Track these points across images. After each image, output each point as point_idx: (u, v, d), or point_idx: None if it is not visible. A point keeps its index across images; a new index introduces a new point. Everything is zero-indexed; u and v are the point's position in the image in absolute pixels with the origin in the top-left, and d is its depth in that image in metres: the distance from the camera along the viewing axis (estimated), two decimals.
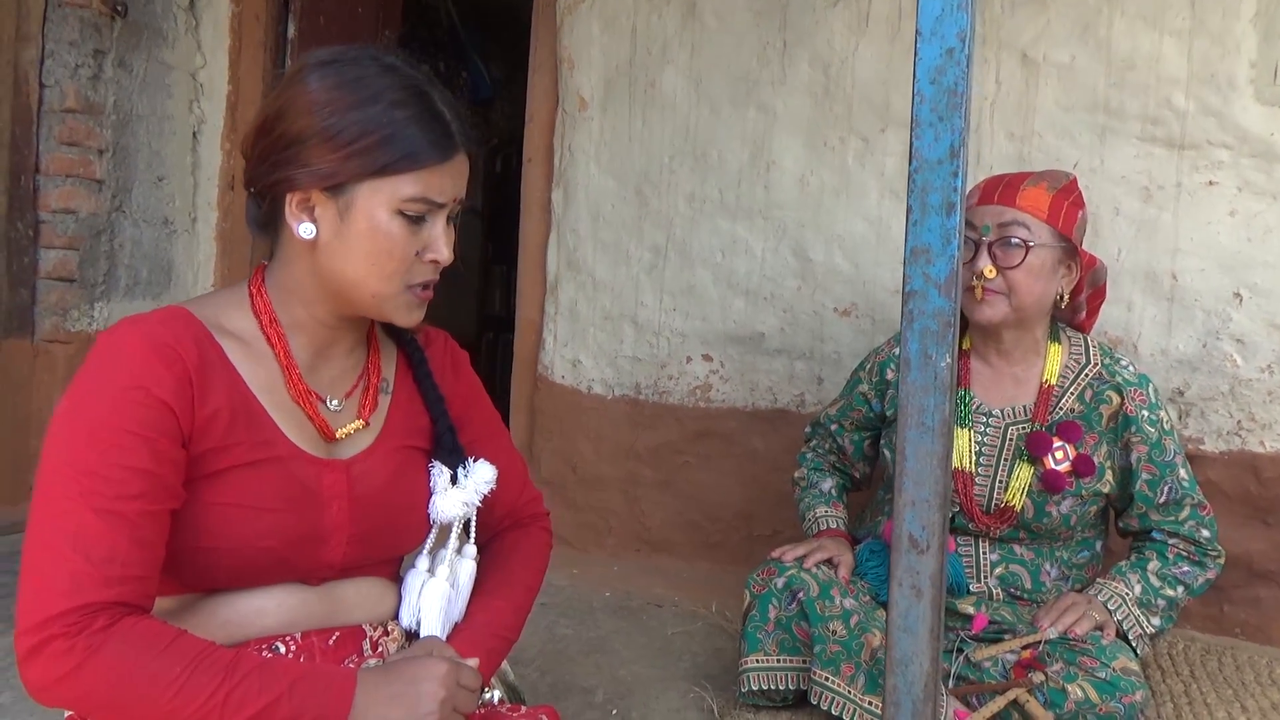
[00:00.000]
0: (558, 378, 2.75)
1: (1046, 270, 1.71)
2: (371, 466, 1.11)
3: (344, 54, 1.04)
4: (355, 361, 1.15)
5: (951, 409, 0.97)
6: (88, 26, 2.85)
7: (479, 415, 1.28)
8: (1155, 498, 1.74)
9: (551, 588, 2.40)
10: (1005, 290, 1.69)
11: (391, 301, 1.05)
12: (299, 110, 1.00)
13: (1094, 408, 1.75)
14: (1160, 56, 2.17)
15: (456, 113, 1.06)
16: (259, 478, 1.01)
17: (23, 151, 2.81)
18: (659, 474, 2.64)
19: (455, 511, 1.14)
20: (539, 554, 1.31)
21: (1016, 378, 1.80)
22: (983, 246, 1.70)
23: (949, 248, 0.95)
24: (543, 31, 2.80)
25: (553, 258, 2.77)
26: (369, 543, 1.10)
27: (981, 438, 1.77)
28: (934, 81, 0.96)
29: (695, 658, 2.01)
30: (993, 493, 1.74)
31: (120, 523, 0.90)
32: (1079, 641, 1.59)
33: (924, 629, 0.97)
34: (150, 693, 0.87)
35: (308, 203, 1.02)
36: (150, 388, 0.94)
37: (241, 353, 1.04)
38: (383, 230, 1.01)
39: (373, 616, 1.14)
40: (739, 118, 2.55)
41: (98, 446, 0.92)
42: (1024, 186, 1.72)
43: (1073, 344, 1.82)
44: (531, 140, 2.83)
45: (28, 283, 2.84)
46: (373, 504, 1.10)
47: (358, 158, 0.99)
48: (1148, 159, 2.19)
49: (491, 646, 1.16)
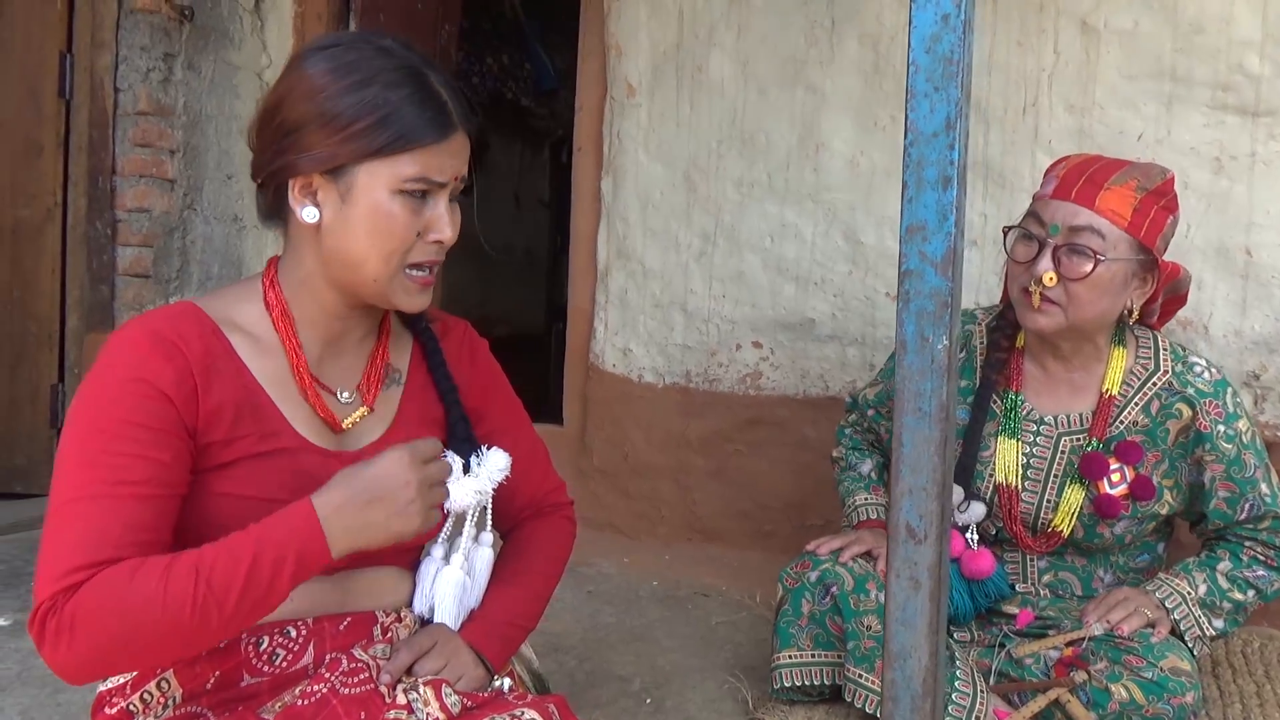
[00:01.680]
0: (609, 366, 2.75)
1: (1115, 285, 1.52)
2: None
3: (339, 39, 1.06)
4: (366, 352, 1.16)
5: (951, 394, 0.92)
6: (157, 31, 2.96)
7: (498, 404, 1.28)
8: (1235, 515, 1.60)
9: (599, 575, 2.41)
10: (1063, 302, 1.51)
11: (390, 284, 1.06)
12: (297, 97, 1.02)
13: (1160, 422, 1.59)
14: (1231, 18, 2.04)
15: (454, 92, 1.06)
16: (266, 469, 1.03)
17: (100, 154, 2.94)
18: (710, 462, 2.62)
19: (467, 500, 1.14)
20: (559, 542, 1.30)
21: (1074, 384, 1.64)
22: (1047, 248, 1.51)
23: (946, 224, 0.91)
24: (591, 19, 2.79)
25: (603, 246, 2.76)
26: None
27: (1030, 449, 1.63)
28: (929, 50, 0.91)
29: (738, 648, 1.98)
30: (1039, 512, 1.62)
31: (116, 505, 0.93)
32: (1125, 639, 1.51)
33: (922, 621, 0.93)
34: (140, 618, 0.88)
35: (310, 187, 1.04)
36: (151, 380, 0.97)
37: (250, 346, 1.07)
38: (384, 210, 1.02)
39: (387, 604, 1.15)
40: (787, 99, 2.50)
41: (100, 437, 0.95)
42: (1109, 185, 1.51)
43: (1140, 346, 1.64)
44: (581, 129, 2.83)
45: (107, 279, 2.97)
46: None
47: (356, 140, 1.00)
48: (1219, 128, 2.06)
49: (505, 635, 1.17)
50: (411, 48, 1.08)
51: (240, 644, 1.04)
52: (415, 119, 1.01)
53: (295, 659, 1.05)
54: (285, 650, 1.05)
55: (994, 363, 1.67)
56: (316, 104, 1.01)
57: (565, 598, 2.22)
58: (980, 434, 1.64)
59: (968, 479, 1.63)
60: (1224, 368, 2.03)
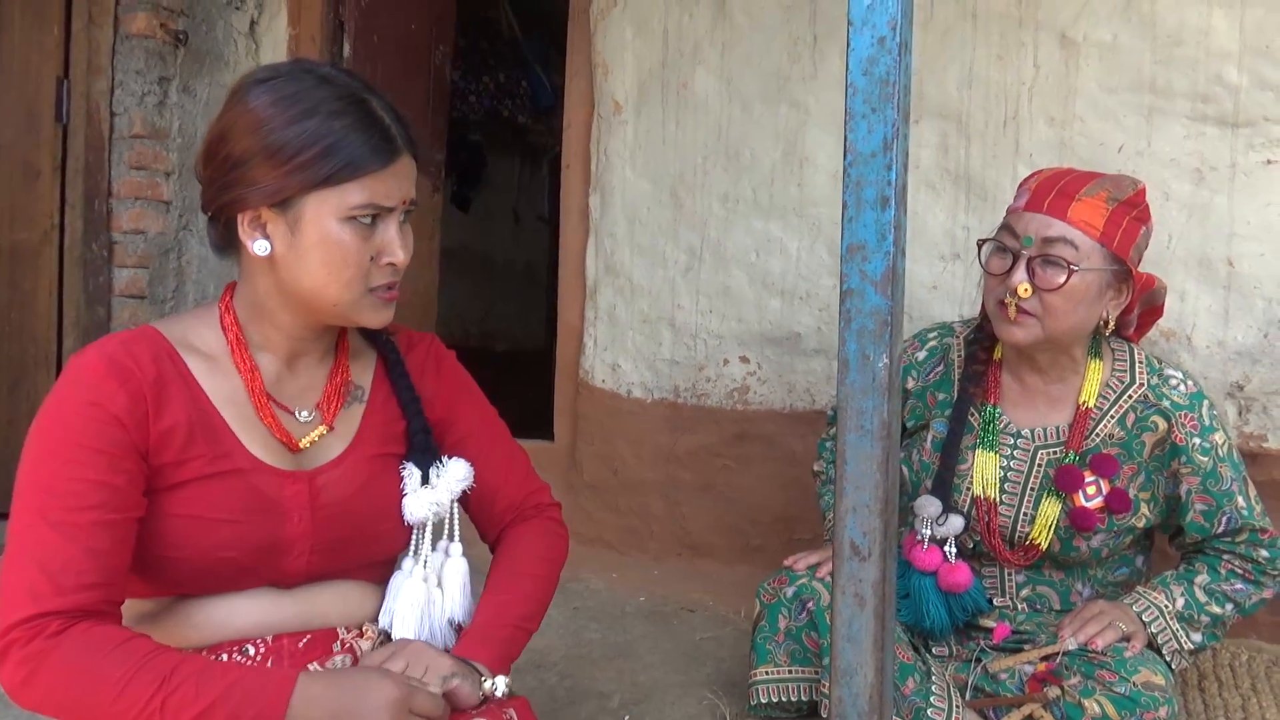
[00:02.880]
0: (598, 382, 2.76)
1: (1090, 296, 1.52)
2: (339, 475, 1.12)
3: (279, 70, 1.06)
4: (326, 370, 1.17)
5: (893, 411, 0.93)
6: (152, 56, 3.00)
7: (467, 412, 1.27)
8: (1212, 528, 1.58)
9: (587, 591, 2.41)
10: (1039, 313, 1.51)
11: (355, 305, 1.07)
12: (240, 131, 1.03)
13: (1136, 435, 1.59)
14: (1209, 29, 2.04)
15: (396, 117, 1.07)
16: (218, 489, 1.04)
17: (96, 177, 2.98)
18: (699, 477, 2.62)
19: (422, 513, 1.14)
20: (545, 543, 1.27)
21: (1050, 397, 1.63)
22: (1021, 260, 1.51)
23: (885, 244, 0.91)
24: (577, 38, 2.81)
25: (591, 262, 2.78)
26: (336, 551, 1.12)
27: (1008, 462, 1.62)
28: (866, 72, 0.92)
29: (720, 664, 1.98)
30: (1016, 526, 1.61)
31: (75, 533, 0.95)
32: (1099, 654, 1.50)
33: (867, 639, 0.93)
34: (96, 695, 0.91)
35: (259, 220, 1.05)
36: (104, 404, 0.99)
37: (206, 368, 1.08)
38: (334, 239, 1.03)
39: (351, 620, 1.15)
40: (771, 115, 2.51)
41: (54, 462, 0.97)
42: (1080, 196, 1.51)
43: (1116, 359, 1.64)
44: (569, 146, 2.85)
45: (103, 300, 3.01)
46: (339, 513, 1.11)
47: (301, 171, 1.01)
48: (1199, 139, 2.06)
49: (503, 636, 1.14)
50: (353, 75, 1.10)
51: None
52: (359, 146, 1.02)
53: None
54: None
55: (971, 375, 1.66)
56: (260, 137, 1.02)
57: (551, 614, 2.18)
58: (958, 447, 1.64)
59: (946, 492, 1.62)
60: (1207, 379, 2.03)
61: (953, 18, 2.28)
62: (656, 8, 2.64)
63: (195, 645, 1.07)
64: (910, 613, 1.63)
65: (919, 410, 1.73)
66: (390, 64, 3.48)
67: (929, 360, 1.75)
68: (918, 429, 1.73)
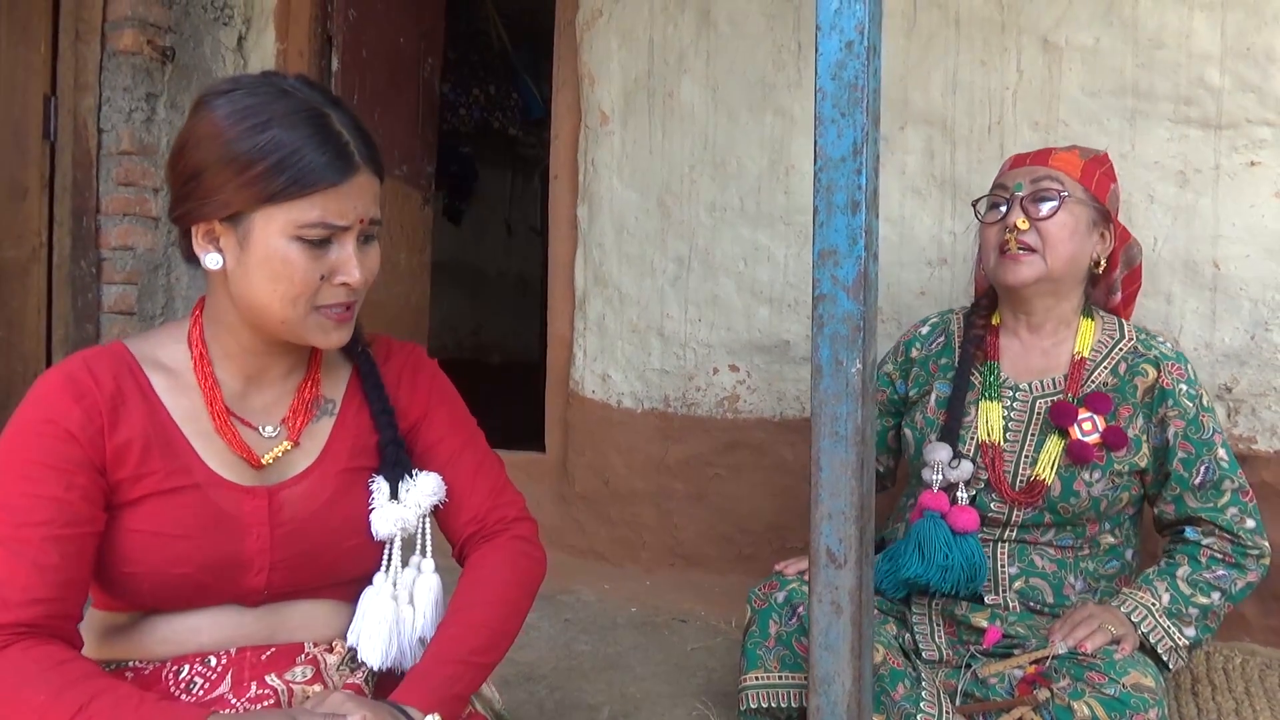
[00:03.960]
0: (588, 392, 2.75)
1: (1081, 228, 1.65)
2: (302, 491, 1.10)
3: (241, 82, 1.04)
4: (293, 385, 1.15)
5: (867, 416, 0.92)
6: (139, 72, 3.01)
7: (439, 421, 1.22)
8: (1191, 478, 1.63)
9: (578, 603, 2.40)
10: (1038, 247, 1.63)
11: (302, 324, 1.05)
12: (195, 142, 1.02)
13: (1128, 380, 1.67)
14: (1191, 32, 2.04)
15: (358, 132, 1.04)
16: (174, 505, 1.03)
17: (84, 194, 2.98)
18: (690, 487, 2.61)
19: (388, 529, 1.11)
20: (509, 566, 1.19)
21: (1045, 351, 1.73)
22: (1015, 201, 1.66)
23: (856, 248, 0.91)
24: (564, 49, 2.82)
25: (580, 273, 2.77)
26: (299, 569, 1.10)
27: (1009, 411, 1.70)
28: (834, 77, 0.92)
29: (710, 674, 1.97)
30: (1019, 466, 1.66)
31: (22, 548, 0.94)
32: (1088, 656, 1.49)
33: (845, 646, 0.92)
34: (18, 715, 0.91)
35: (212, 233, 1.03)
36: (58, 421, 0.98)
37: (169, 383, 1.07)
38: (279, 256, 1.01)
39: (319, 637, 1.13)
40: (757, 123, 2.51)
41: (8, 478, 0.97)
42: (1056, 151, 1.70)
43: (1105, 322, 1.75)
44: (557, 157, 2.85)
45: (92, 318, 3.00)
46: (300, 529, 1.09)
47: (250, 186, 0.99)
48: (1182, 141, 2.06)
49: (446, 674, 1.08)
50: (317, 87, 1.06)
51: (161, 673, 1.05)
52: (312, 162, 0.99)
53: (213, 687, 1.05)
54: (203, 679, 1.05)
55: (972, 339, 1.77)
56: (213, 149, 1.00)
57: (542, 626, 2.21)
58: (963, 402, 1.72)
59: (952, 441, 1.69)
60: None
61: (935, 24, 2.29)
62: (641, 18, 2.65)
63: (161, 658, 1.06)
64: (918, 565, 1.63)
65: (922, 378, 1.83)
66: (379, 77, 3.49)
67: (931, 334, 1.86)
68: (922, 395, 1.81)
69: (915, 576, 1.63)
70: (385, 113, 3.52)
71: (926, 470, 1.68)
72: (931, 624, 1.71)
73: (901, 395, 1.87)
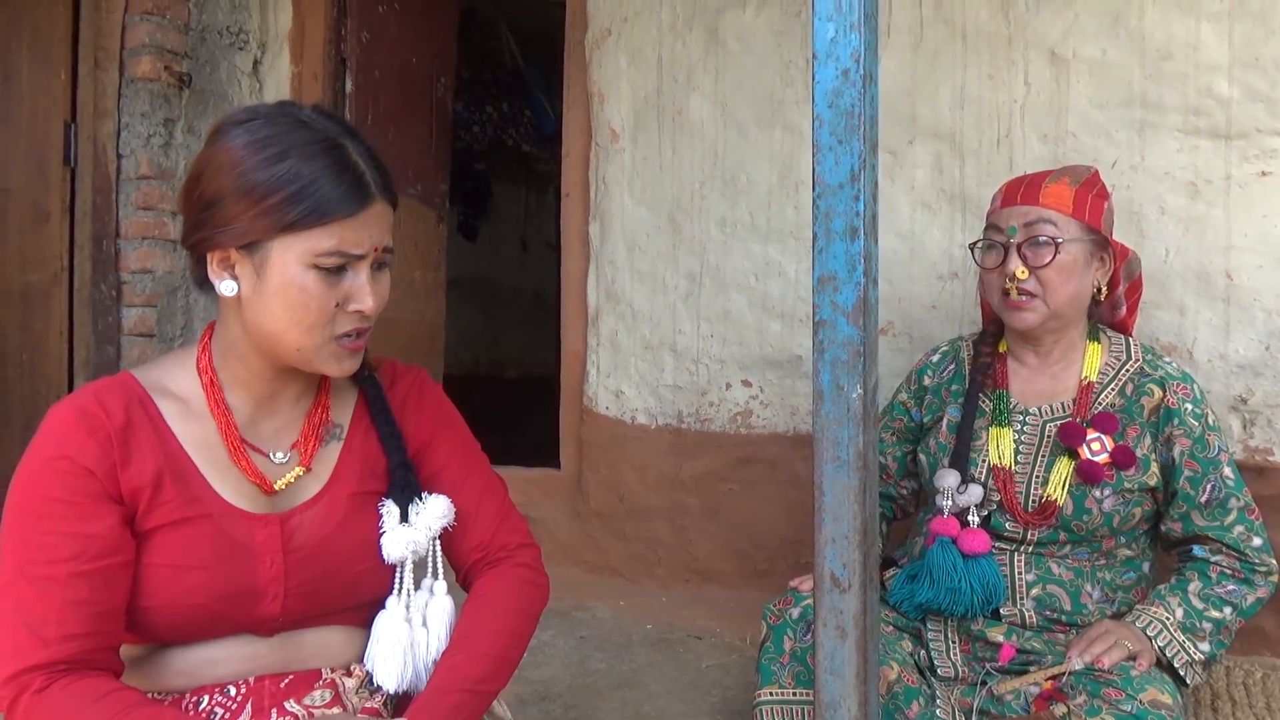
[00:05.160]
0: (602, 409, 2.76)
1: (1079, 266, 1.65)
2: (313, 516, 1.11)
3: (259, 112, 1.06)
4: (303, 410, 1.16)
5: (869, 441, 0.93)
6: (157, 98, 3.05)
7: (444, 446, 1.23)
8: (1197, 496, 1.63)
9: (593, 620, 2.41)
10: (1039, 292, 1.64)
11: (317, 353, 1.06)
12: (213, 171, 1.03)
13: (1135, 400, 1.67)
14: (1198, 43, 2.04)
15: (374, 162, 1.06)
16: (187, 536, 1.04)
17: (104, 219, 3.03)
18: (704, 502, 2.62)
19: (399, 551, 1.12)
20: (511, 593, 1.20)
21: (1054, 375, 1.74)
22: (1011, 248, 1.65)
23: (855, 274, 0.92)
24: (574, 68, 2.84)
25: (593, 290, 2.79)
26: (313, 594, 1.11)
27: (1019, 435, 1.71)
28: (831, 105, 0.93)
29: (725, 692, 1.97)
30: (1030, 487, 1.67)
31: (53, 586, 0.96)
32: (1105, 672, 1.49)
33: (850, 671, 0.93)
34: None
35: (228, 261, 1.05)
36: (73, 456, 1.00)
37: (179, 412, 1.08)
38: (297, 285, 1.02)
39: (335, 663, 1.14)
40: (766, 139, 2.52)
41: (29, 516, 0.98)
42: (1046, 184, 1.68)
43: (1113, 343, 1.75)
44: (568, 175, 2.87)
45: (112, 340, 3.05)
46: (312, 555, 1.10)
47: (268, 215, 1.01)
48: (1192, 152, 2.06)
49: (450, 703, 1.08)
50: (333, 117, 1.08)
51: (181, 704, 1.06)
52: (329, 192, 1.01)
53: (233, 717, 1.06)
54: (224, 709, 1.06)
55: (980, 367, 1.78)
56: (231, 179, 1.01)
57: (557, 644, 2.22)
58: (972, 427, 1.73)
59: (963, 465, 1.70)
60: (1210, 393, 2.02)
61: (942, 39, 2.29)
62: (650, 36, 2.67)
63: (179, 690, 1.07)
64: (929, 590, 1.65)
65: (935, 405, 1.84)
66: (392, 98, 3.52)
67: (942, 361, 1.88)
68: (935, 421, 1.82)
69: (927, 601, 1.64)
70: (399, 132, 3.55)
71: (938, 496, 1.69)
72: (947, 641, 1.70)
73: (917, 422, 1.88)
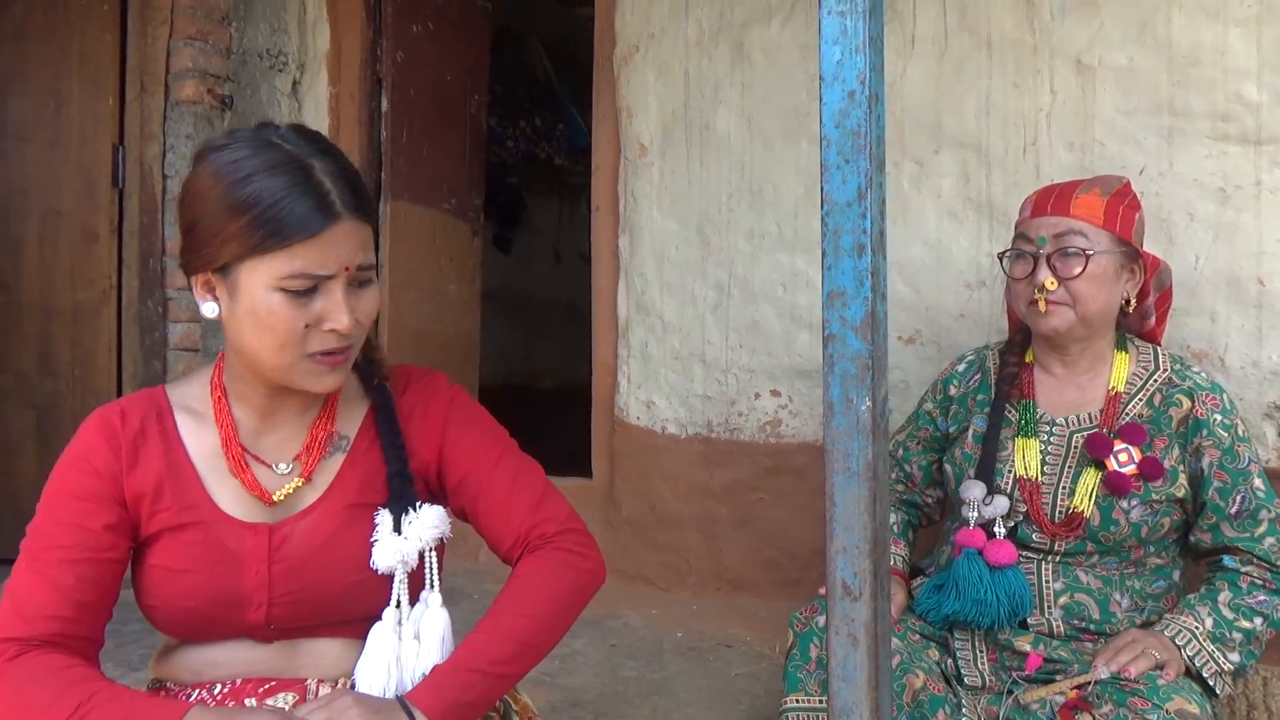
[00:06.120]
0: (633, 419, 2.79)
1: (1109, 277, 1.65)
2: (306, 527, 1.12)
3: (235, 135, 1.07)
4: (307, 422, 1.17)
5: (878, 453, 0.95)
6: (201, 120, 3.15)
7: (465, 449, 1.20)
8: (1227, 507, 1.61)
9: (625, 628, 2.44)
10: (1069, 301, 1.64)
11: (292, 370, 1.07)
12: (191, 195, 1.06)
13: (1163, 411, 1.66)
14: (1226, 49, 2.03)
15: (342, 180, 1.05)
16: (182, 541, 1.10)
17: (150, 238, 3.13)
18: (734, 512, 2.64)
19: (389, 561, 1.10)
20: (546, 576, 1.14)
21: (1081, 386, 1.73)
22: (1041, 259, 1.65)
23: (863, 290, 0.94)
24: (603, 84, 2.88)
25: (623, 302, 2.83)
26: (300, 603, 1.11)
27: (1046, 445, 1.70)
28: (838, 125, 0.95)
29: (754, 700, 1.99)
30: (1056, 498, 1.66)
31: (44, 569, 1.05)
32: (1131, 681, 1.48)
33: (861, 678, 0.95)
34: (26, 713, 0.99)
35: (209, 284, 1.07)
36: (89, 458, 1.09)
37: (192, 423, 1.15)
38: (263, 307, 1.03)
39: (330, 674, 1.14)
40: (792, 151, 2.54)
41: (46, 505, 1.09)
42: (1076, 195, 1.67)
43: (1140, 353, 1.74)
44: (598, 189, 2.91)
45: (159, 355, 3.14)
46: (302, 565, 1.11)
47: (235, 239, 1.02)
48: (1221, 158, 2.04)
49: (459, 681, 1.06)
50: (308, 135, 1.07)
51: (177, 695, 1.13)
52: (291, 214, 1.00)
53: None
54: (202, 705, 1.07)
55: (1006, 377, 1.78)
56: (205, 203, 1.03)
57: (588, 652, 2.25)
58: (998, 437, 1.73)
59: (989, 477, 1.71)
60: (1243, 400, 2.00)
61: (967, 48, 2.30)
62: (677, 52, 2.70)
63: (187, 683, 1.14)
64: (955, 601, 1.65)
65: (961, 415, 1.84)
66: (427, 115, 3.60)
67: (968, 371, 1.87)
68: (961, 431, 1.82)
69: (954, 613, 1.65)
70: (433, 149, 3.63)
71: (964, 507, 1.69)
72: (974, 649, 1.71)
73: (943, 431, 1.88)
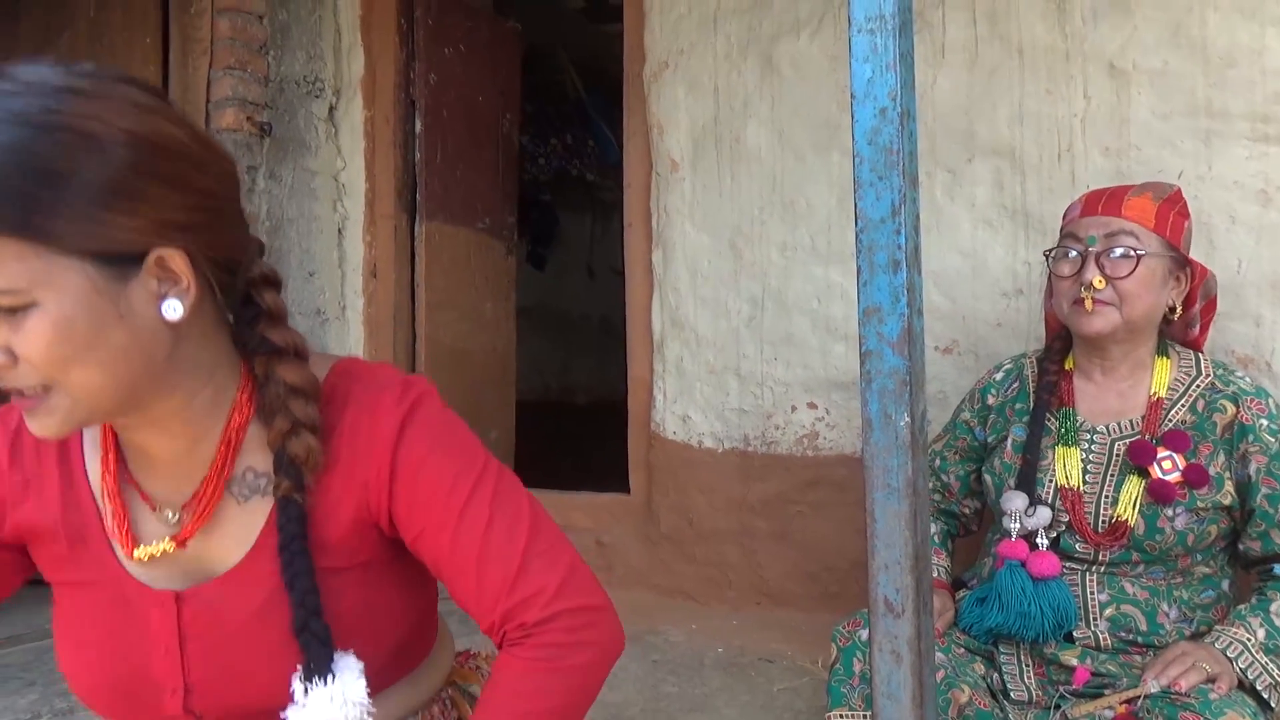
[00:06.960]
0: (669, 434, 2.80)
1: (1157, 281, 1.63)
2: (224, 594, 0.88)
3: None
4: (205, 457, 0.89)
5: (918, 468, 0.95)
6: (240, 147, 3.21)
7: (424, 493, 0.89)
8: (1275, 514, 1.59)
9: (666, 644, 2.44)
10: (1115, 301, 1.62)
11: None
12: None
13: (1207, 417, 1.64)
14: (1263, 49, 2.00)
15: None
16: (82, 602, 0.89)
17: None
18: (773, 525, 2.63)
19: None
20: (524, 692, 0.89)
21: (1122, 393, 1.71)
22: (1089, 257, 1.63)
23: (899, 305, 0.94)
24: (633, 100, 2.91)
25: (657, 316, 2.84)
26: (225, 692, 0.89)
27: (1087, 454, 1.68)
28: (871, 142, 0.96)
29: (797, 715, 1.98)
30: (1099, 508, 1.64)
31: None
32: (1182, 695, 1.46)
33: (906, 695, 0.94)
34: None
35: None
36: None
37: (91, 445, 0.93)
38: None
39: None
40: (823, 163, 2.54)
41: None
42: (1129, 197, 1.66)
43: (1182, 359, 1.72)
44: (630, 205, 2.93)
45: None
46: (224, 643, 0.88)
47: None
48: (1262, 159, 2.01)
49: None
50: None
51: None
52: None
53: None
54: None
55: (1045, 385, 1.76)
56: None
57: (630, 668, 2.25)
58: (1039, 446, 1.71)
59: (1030, 487, 1.69)
60: None
61: (998, 56, 2.29)
62: (707, 67, 2.72)
63: None
64: (999, 614, 1.63)
65: (999, 424, 1.82)
66: (460, 136, 3.65)
67: (1006, 379, 1.85)
68: (999, 441, 1.80)
69: (997, 626, 1.63)
70: (467, 168, 3.67)
71: (1005, 519, 1.68)
72: (1020, 664, 1.69)
73: (981, 441, 1.86)
